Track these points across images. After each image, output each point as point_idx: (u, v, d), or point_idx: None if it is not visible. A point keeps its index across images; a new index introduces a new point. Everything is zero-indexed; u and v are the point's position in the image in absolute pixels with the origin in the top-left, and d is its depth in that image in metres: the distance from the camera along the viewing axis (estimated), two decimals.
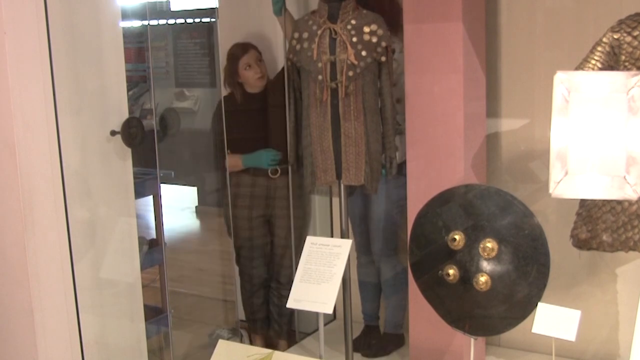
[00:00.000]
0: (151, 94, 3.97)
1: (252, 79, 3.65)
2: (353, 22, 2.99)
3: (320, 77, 2.99)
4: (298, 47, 3.08)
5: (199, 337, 3.94)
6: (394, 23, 3.25)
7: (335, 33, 2.99)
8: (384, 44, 2.99)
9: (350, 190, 3.27)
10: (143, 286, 3.17)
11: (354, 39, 2.96)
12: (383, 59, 3.02)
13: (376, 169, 3.09)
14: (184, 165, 5.22)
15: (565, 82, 2.50)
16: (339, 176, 3.09)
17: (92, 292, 2.89)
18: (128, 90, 3.10)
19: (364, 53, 2.97)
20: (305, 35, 3.05)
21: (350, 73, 2.96)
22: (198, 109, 5.49)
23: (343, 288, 3.20)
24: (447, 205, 2.70)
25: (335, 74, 2.98)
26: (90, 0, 2.86)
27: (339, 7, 3.01)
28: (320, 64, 2.99)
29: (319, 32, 3.01)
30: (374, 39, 2.97)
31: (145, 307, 3.15)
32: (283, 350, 3.55)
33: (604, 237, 2.82)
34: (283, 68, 3.51)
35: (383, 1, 3.35)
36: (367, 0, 3.21)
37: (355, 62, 2.95)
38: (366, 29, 2.98)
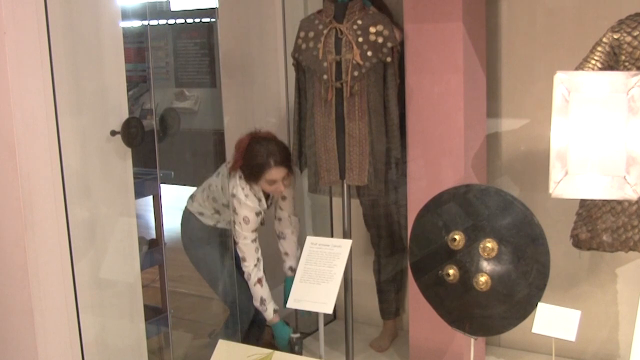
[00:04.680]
0: (151, 94, 3.97)
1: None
2: (359, 22, 2.99)
3: (325, 76, 2.99)
4: (304, 46, 3.08)
5: (199, 337, 3.93)
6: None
7: (341, 33, 2.99)
8: (389, 44, 2.99)
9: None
10: (143, 286, 3.17)
11: (360, 39, 2.96)
12: (388, 59, 3.01)
13: (380, 169, 3.09)
14: (184, 165, 5.22)
15: (565, 82, 2.50)
16: (342, 176, 3.09)
17: (92, 292, 2.89)
18: (128, 90, 3.10)
19: (369, 53, 2.96)
20: (311, 34, 3.05)
21: (356, 73, 2.96)
22: (198, 109, 5.49)
23: (344, 288, 3.20)
24: (447, 205, 2.70)
25: (341, 74, 2.98)
26: (90, 0, 2.85)
27: (345, 7, 3.01)
28: (325, 64, 2.99)
29: (325, 31, 3.01)
30: (380, 40, 2.97)
31: (145, 307, 3.15)
32: None
33: (604, 237, 2.82)
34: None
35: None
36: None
37: (361, 62, 2.95)
38: (372, 29, 2.98)
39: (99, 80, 2.88)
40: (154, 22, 5.30)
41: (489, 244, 2.58)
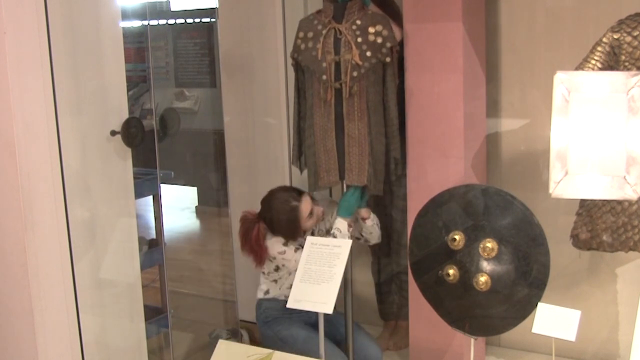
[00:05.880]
0: (151, 94, 3.97)
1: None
2: (358, 22, 2.98)
3: (324, 77, 2.99)
4: (303, 46, 3.07)
5: (199, 337, 3.94)
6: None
7: (340, 33, 2.99)
8: (389, 44, 2.98)
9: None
10: (143, 286, 3.17)
11: (359, 39, 2.96)
12: (388, 59, 3.01)
13: (379, 170, 3.09)
14: (184, 165, 5.23)
15: (565, 82, 2.50)
16: (342, 176, 3.09)
17: (92, 292, 2.89)
18: (128, 90, 3.10)
19: (368, 53, 2.96)
20: (310, 34, 3.05)
21: (355, 73, 2.95)
22: (198, 109, 5.50)
23: (344, 288, 3.20)
24: (447, 205, 2.70)
25: (340, 74, 2.97)
26: (90, 0, 2.85)
27: (344, 7, 3.00)
28: (324, 64, 2.98)
29: (324, 31, 3.00)
30: (379, 40, 2.97)
31: (145, 307, 3.15)
32: None
33: (604, 237, 2.82)
34: None
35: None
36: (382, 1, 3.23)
37: (360, 63, 2.94)
38: (371, 30, 2.97)
39: (99, 80, 2.88)
40: (154, 22, 5.31)
41: (489, 244, 2.58)
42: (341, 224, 3.09)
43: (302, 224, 3.10)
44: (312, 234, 3.17)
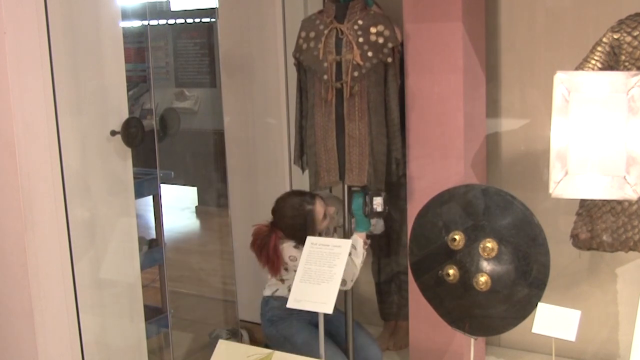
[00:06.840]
0: (151, 94, 3.98)
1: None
2: (360, 22, 2.98)
3: (325, 76, 2.99)
4: (304, 46, 3.07)
5: (199, 337, 3.94)
6: None
7: (342, 33, 2.99)
8: (390, 45, 2.98)
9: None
10: (143, 286, 3.17)
11: (360, 40, 2.96)
12: (389, 60, 3.01)
13: (380, 170, 3.09)
14: (184, 165, 5.23)
15: (565, 82, 2.50)
16: (342, 176, 3.09)
17: (92, 292, 2.89)
18: (128, 90, 3.10)
19: (370, 54, 2.96)
20: (312, 34, 3.05)
21: (356, 73, 2.95)
22: (198, 109, 5.50)
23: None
24: (447, 205, 2.70)
25: (341, 74, 2.97)
26: (90, 0, 2.85)
27: (346, 7, 3.00)
28: (325, 64, 2.98)
29: (326, 31, 3.00)
30: (381, 40, 2.97)
31: (145, 307, 3.15)
32: None
33: (604, 237, 2.82)
34: None
35: None
36: None
37: (361, 63, 2.94)
38: (373, 30, 2.97)
39: (99, 80, 2.88)
40: (154, 22, 5.31)
41: (489, 244, 2.58)
42: (357, 242, 3.10)
43: (318, 226, 3.09)
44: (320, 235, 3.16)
